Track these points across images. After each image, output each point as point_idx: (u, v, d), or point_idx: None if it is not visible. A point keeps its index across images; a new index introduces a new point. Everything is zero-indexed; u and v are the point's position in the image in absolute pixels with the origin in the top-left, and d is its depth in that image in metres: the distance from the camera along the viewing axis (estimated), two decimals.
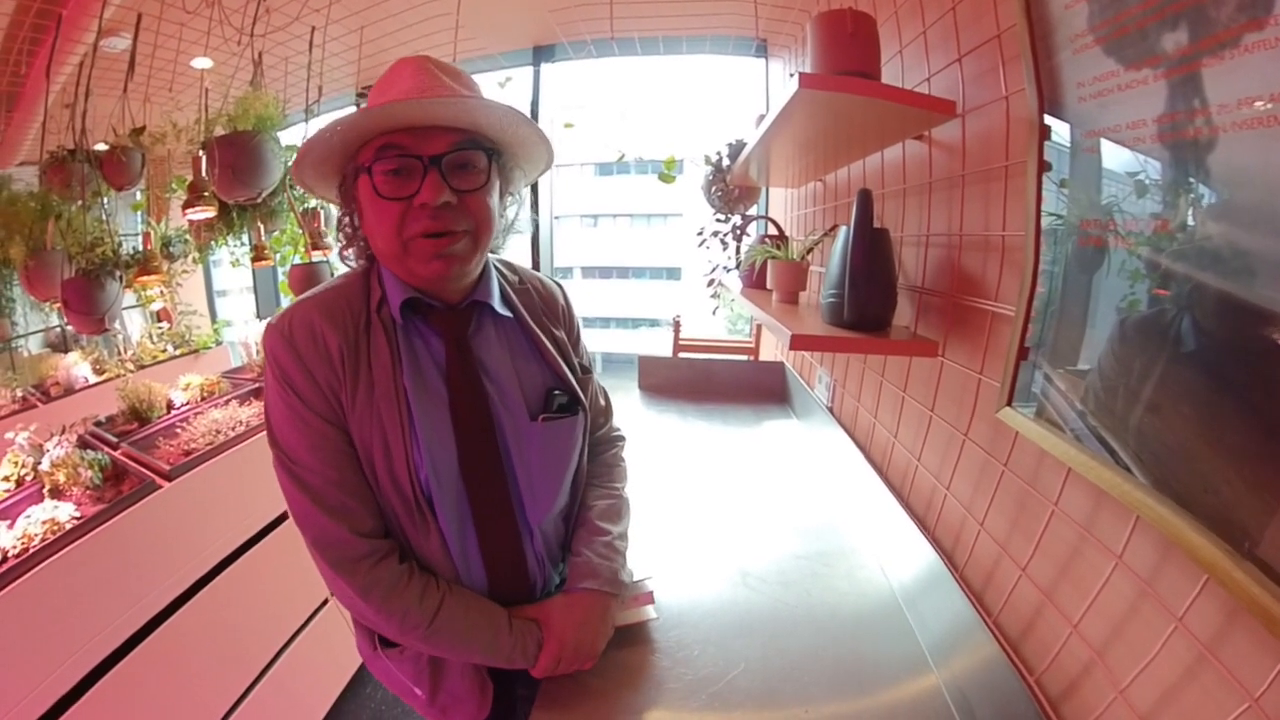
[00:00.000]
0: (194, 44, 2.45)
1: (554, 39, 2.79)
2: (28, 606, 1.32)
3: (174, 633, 1.59)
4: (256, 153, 1.95)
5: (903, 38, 1.26)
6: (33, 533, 1.45)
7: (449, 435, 0.79)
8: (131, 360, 3.11)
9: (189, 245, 2.96)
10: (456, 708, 0.94)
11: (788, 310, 1.37)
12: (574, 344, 0.97)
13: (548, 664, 0.85)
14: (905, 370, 1.30)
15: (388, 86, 0.74)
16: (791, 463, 1.69)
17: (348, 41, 2.78)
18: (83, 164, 2.06)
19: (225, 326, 4.08)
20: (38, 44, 2.44)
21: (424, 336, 0.82)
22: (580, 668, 0.88)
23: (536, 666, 0.85)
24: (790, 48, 2.38)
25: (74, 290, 1.84)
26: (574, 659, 0.86)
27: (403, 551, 0.81)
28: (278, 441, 0.78)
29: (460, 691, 0.92)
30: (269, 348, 0.77)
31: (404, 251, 0.74)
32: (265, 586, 1.89)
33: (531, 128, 0.78)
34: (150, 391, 2.24)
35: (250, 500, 1.91)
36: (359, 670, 2.12)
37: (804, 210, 2.11)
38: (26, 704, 1.28)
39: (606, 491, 1.00)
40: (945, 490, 1.10)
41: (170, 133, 2.27)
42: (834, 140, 1.36)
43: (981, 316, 0.96)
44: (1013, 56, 0.84)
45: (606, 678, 0.90)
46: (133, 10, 2.15)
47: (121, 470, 1.80)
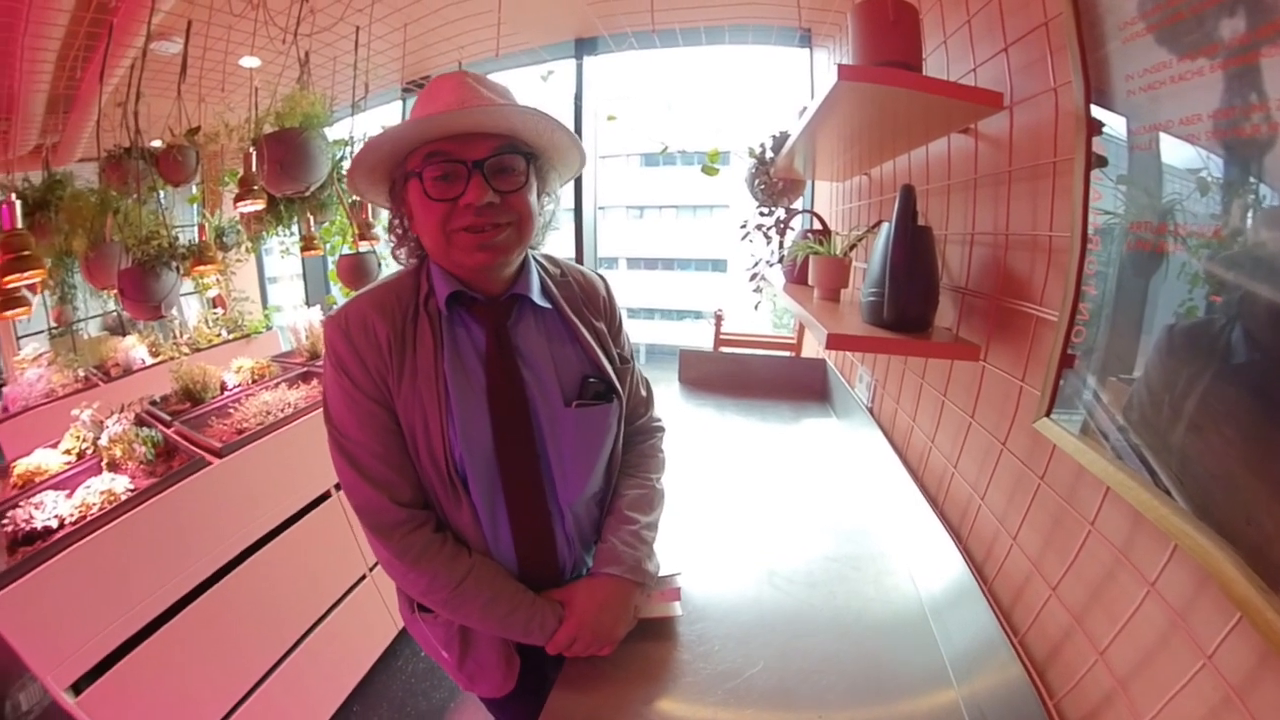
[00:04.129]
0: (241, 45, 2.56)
1: (595, 32, 2.78)
2: (84, 569, 1.43)
3: (218, 599, 1.69)
4: (304, 149, 2.01)
5: (947, 27, 1.21)
6: (90, 502, 1.56)
7: (484, 417, 0.84)
8: (187, 344, 3.29)
9: (241, 236, 3.08)
10: (482, 676, 0.99)
11: (828, 307, 1.34)
12: (614, 335, 1.01)
13: (563, 640, 0.88)
14: (946, 374, 1.25)
15: (429, 101, 0.80)
16: (828, 462, 1.66)
17: (391, 40, 2.85)
18: (138, 161, 2.17)
19: (276, 312, 4.25)
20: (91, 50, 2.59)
21: (467, 326, 0.87)
22: (598, 652, 0.90)
23: (552, 641, 0.88)
24: (834, 37, 2.31)
25: (129, 279, 1.95)
26: (591, 641, 0.89)
27: (439, 523, 0.88)
28: (332, 419, 0.85)
29: (486, 661, 0.97)
30: (328, 337, 0.85)
31: (450, 245, 0.80)
32: (306, 561, 1.98)
33: (565, 132, 0.83)
34: (204, 373, 2.37)
35: (296, 478, 2.00)
36: (391, 644, 2.20)
37: (849, 205, 2.05)
38: (81, 655, 1.39)
39: (640, 481, 1.02)
40: (980, 500, 1.06)
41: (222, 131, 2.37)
42: (878, 133, 1.32)
43: (1026, 321, 0.92)
44: (1060, 46, 0.79)
45: (626, 667, 0.91)
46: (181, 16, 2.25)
47: (173, 447, 1.90)
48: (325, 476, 2.09)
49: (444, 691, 2.07)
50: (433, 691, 2.07)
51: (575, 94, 3.07)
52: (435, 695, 2.06)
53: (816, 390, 2.23)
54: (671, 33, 2.61)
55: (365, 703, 2.04)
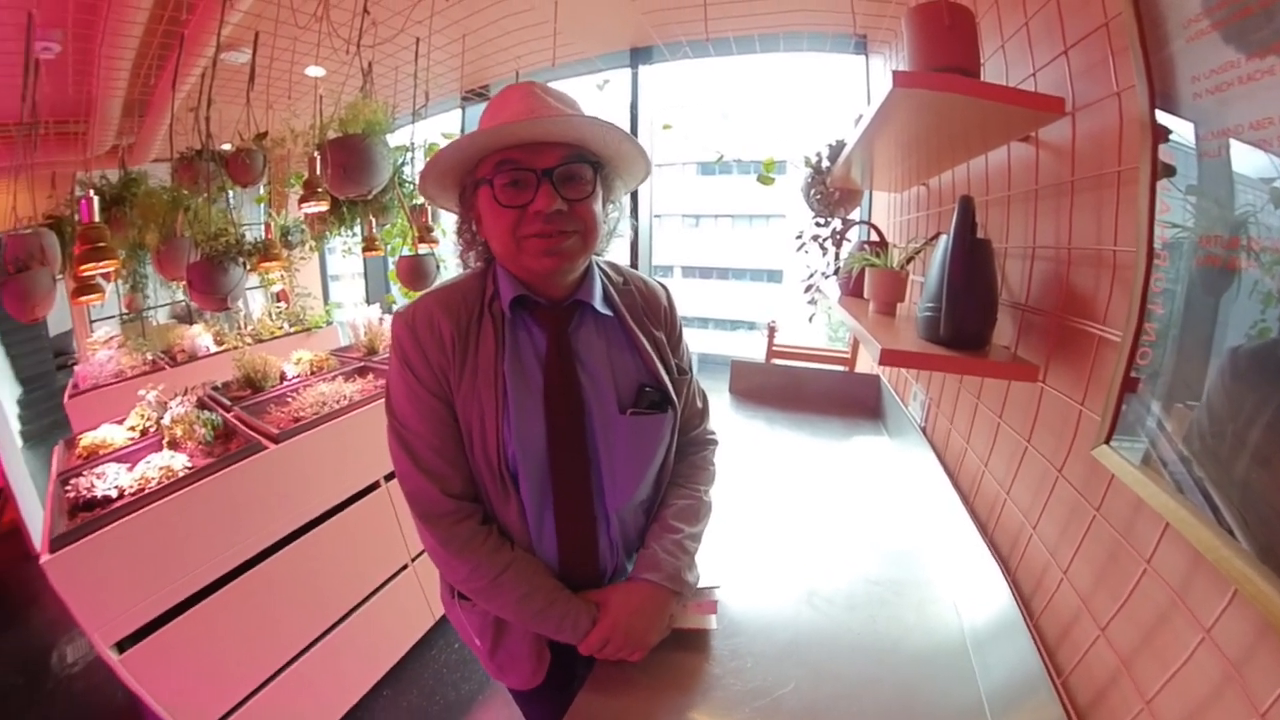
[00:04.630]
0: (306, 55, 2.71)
1: (650, 41, 2.80)
2: (138, 538, 1.52)
3: (263, 576, 1.77)
4: (366, 154, 2.08)
5: (1004, 30, 1.16)
6: (150, 476, 1.66)
7: (540, 418, 0.86)
8: (250, 334, 3.47)
9: (305, 235, 3.23)
10: (512, 667, 1.00)
11: (883, 322, 1.30)
12: (674, 345, 1.01)
13: (595, 641, 0.88)
14: (1003, 394, 1.19)
15: (499, 110, 0.83)
16: (877, 482, 1.61)
17: (450, 50, 2.94)
18: (208, 163, 2.30)
19: (336, 308, 4.42)
20: (164, 59, 2.79)
21: (529, 329, 0.89)
22: (629, 657, 0.90)
23: (584, 642, 0.89)
24: (890, 43, 2.26)
25: (198, 272, 2.06)
26: (623, 644, 0.89)
27: (486, 516, 0.90)
28: (393, 409, 0.89)
29: (517, 653, 0.98)
30: (395, 332, 0.88)
31: (518, 249, 0.82)
32: (351, 547, 2.05)
33: (632, 142, 0.85)
34: (265, 363, 2.48)
35: (347, 468, 2.07)
36: (426, 634, 2.26)
37: (907, 216, 1.99)
38: (128, 616, 1.49)
39: (688, 492, 1.02)
40: (1031, 530, 1.00)
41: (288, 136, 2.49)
42: (936, 142, 1.27)
43: (1088, 340, 0.87)
44: (1122, 47, 0.74)
45: (656, 674, 0.91)
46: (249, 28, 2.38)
47: (232, 430, 1.99)
48: (375, 467, 2.16)
49: (473, 684, 2.10)
50: (462, 683, 2.11)
51: (631, 103, 3.10)
52: (464, 686, 2.10)
53: (869, 407, 2.17)
54: (725, 41, 2.60)
55: (396, 687, 2.10)
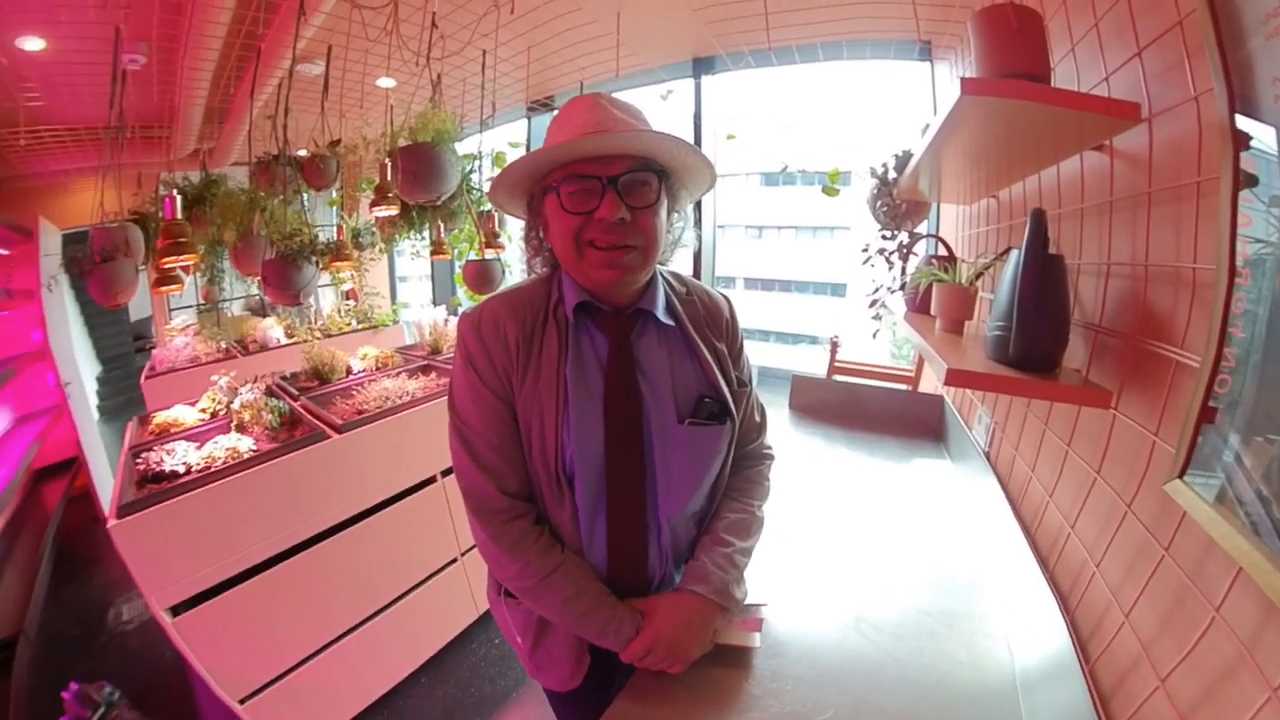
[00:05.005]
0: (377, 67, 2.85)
1: (712, 51, 2.81)
2: (200, 511, 1.62)
3: (316, 557, 1.85)
4: (435, 162, 2.15)
5: (1073, 33, 1.09)
6: (216, 456, 1.76)
7: (598, 424, 0.87)
8: (320, 329, 3.67)
9: (376, 237, 3.39)
10: (551, 667, 1.01)
11: (950, 340, 1.25)
12: (734, 357, 1.01)
13: (637, 650, 0.88)
14: (1072, 421, 1.11)
15: (566, 122, 0.84)
16: (935, 507, 1.55)
17: (516, 62, 3.05)
18: (285, 167, 2.44)
19: (403, 308, 4.61)
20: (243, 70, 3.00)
21: (591, 336, 0.91)
22: (669, 668, 0.90)
23: (626, 650, 0.89)
24: (955, 49, 2.17)
25: (272, 269, 2.19)
26: (665, 655, 0.88)
27: (539, 517, 0.91)
28: (455, 406, 0.91)
29: (557, 654, 0.99)
30: (461, 332, 0.91)
31: (580, 257, 0.83)
32: (403, 537, 2.11)
33: (697, 155, 0.85)
34: (333, 357, 2.60)
35: (405, 461, 2.14)
36: (469, 628, 2.31)
37: (976, 230, 1.90)
38: (184, 584, 1.58)
39: (741, 506, 1.01)
40: (1095, 568, 0.92)
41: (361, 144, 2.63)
42: (1006, 152, 1.21)
43: (1164, 365, 0.80)
44: (1198, 47, 0.68)
45: (694, 688, 0.90)
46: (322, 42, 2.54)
47: (297, 419, 2.09)
48: (432, 462, 2.22)
49: (509, 680, 2.13)
50: (499, 678, 2.14)
51: (694, 113, 3.11)
52: (500, 682, 2.13)
53: (931, 428, 2.08)
54: (788, 50, 2.57)
55: (434, 676, 2.15)
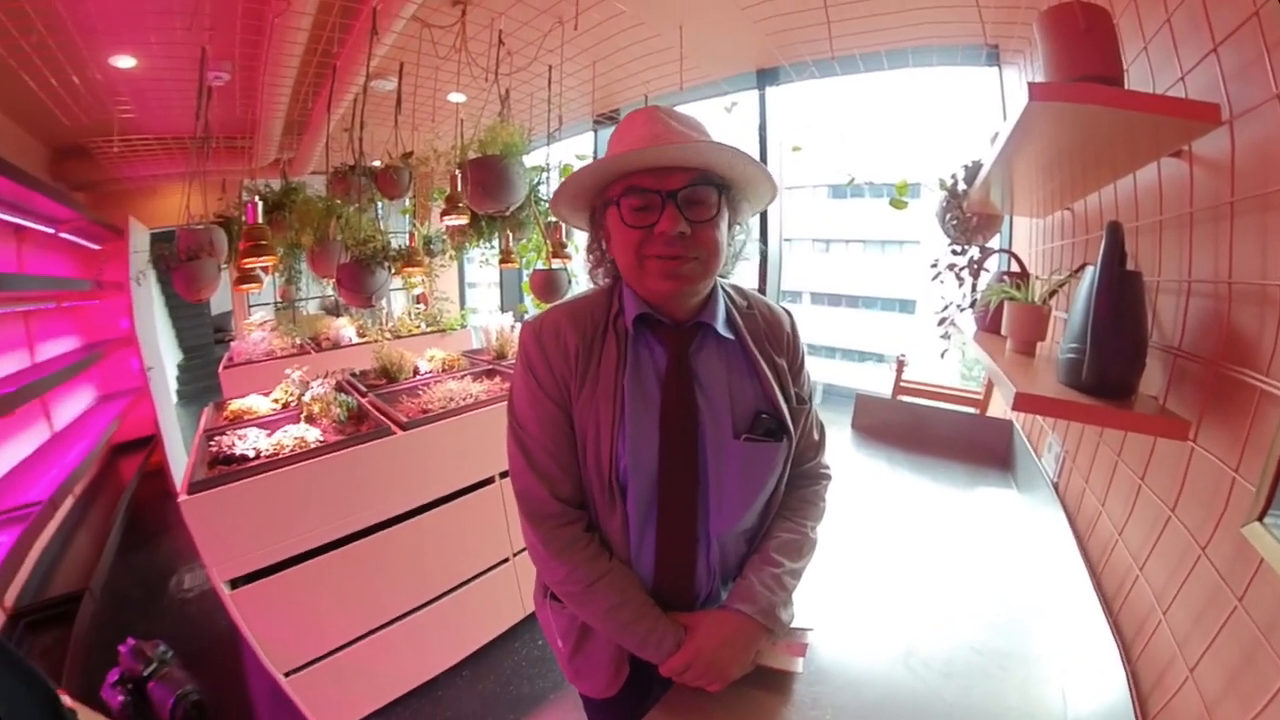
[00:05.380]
0: (448, 83, 3.01)
1: (775, 62, 2.79)
2: (266, 494, 1.72)
3: (372, 546, 1.93)
4: (504, 174, 2.22)
5: (1145, 30, 1.01)
6: (285, 443, 1.88)
7: (654, 435, 0.87)
8: (390, 330, 3.87)
9: (446, 245, 3.54)
10: (589, 674, 1.01)
11: (1020, 362, 1.18)
12: (795, 373, 0.99)
13: (677, 665, 0.87)
14: (1147, 452, 1.02)
15: (625, 134, 0.86)
16: (998, 539, 1.45)
17: (581, 76, 3.14)
18: (360, 177, 2.60)
19: (471, 314, 4.78)
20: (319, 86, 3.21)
21: (650, 348, 0.91)
22: (708, 686, 0.88)
23: (666, 664, 0.88)
24: (1024, 52, 2.05)
25: (347, 273, 2.33)
26: (704, 673, 0.87)
27: (590, 524, 0.92)
28: (514, 411, 0.93)
29: (597, 661, 0.99)
30: (523, 340, 0.93)
31: (641, 269, 0.84)
32: (458, 533, 2.18)
33: (757, 166, 0.85)
34: (401, 357, 2.72)
35: (465, 461, 2.20)
36: (514, 627, 2.35)
37: (1050, 244, 1.79)
38: (245, 559, 1.68)
39: (794, 526, 0.98)
40: (1161, 615, 0.84)
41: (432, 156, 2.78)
42: (1079, 160, 1.14)
43: (1248, 394, 0.72)
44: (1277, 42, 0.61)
45: (732, 709, 0.88)
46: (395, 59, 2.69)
47: (365, 414, 2.20)
48: (491, 464, 2.28)
49: (548, 682, 2.15)
50: (538, 679, 2.16)
51: (759, 125, 3.09)
52: (539, 683, 2.15)
53: (999, 455, 1.97)
54: (852, 59, 2.52)
55: (475, 670, 2.20)
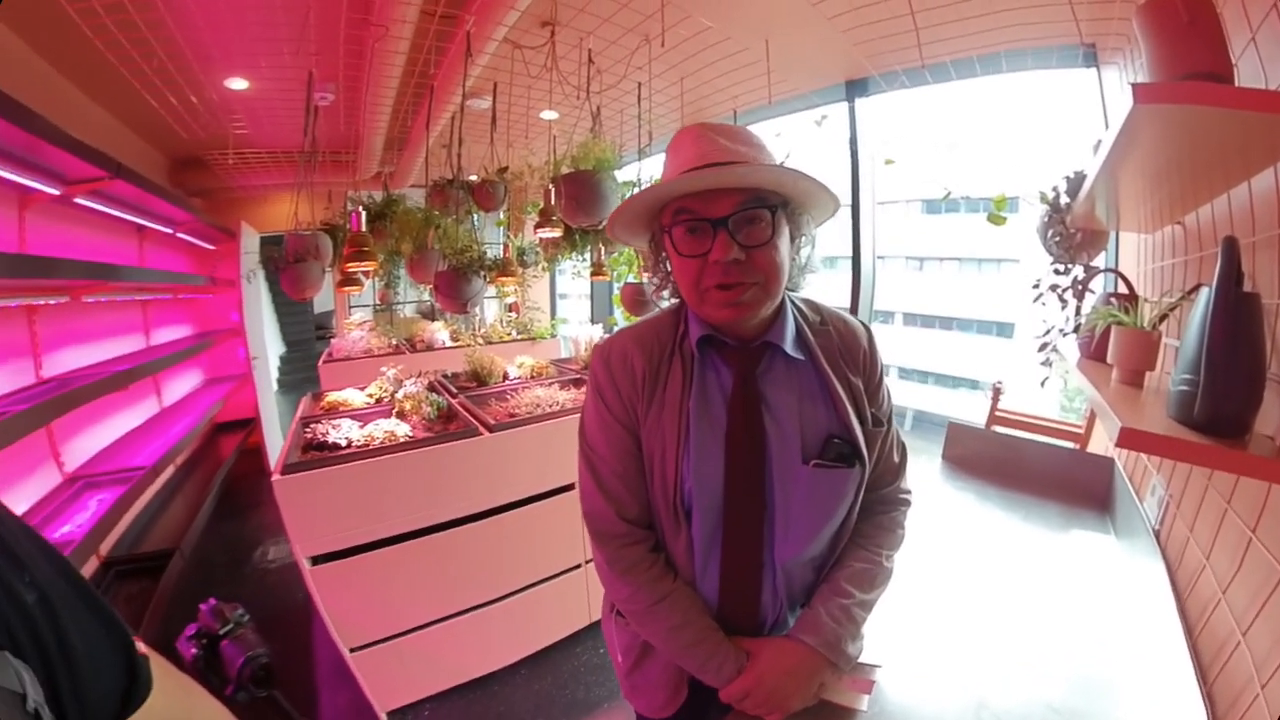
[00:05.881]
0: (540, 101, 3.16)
1: (864, 73, 2.71)
2: (353, 481, 1.84)
3: (449, 540, 2.02)
4: (596, 188, 2.31)
5: (1250, 18, 0.89)
6: (375, 436, 2.01)
7: (719, 458, 0.86)
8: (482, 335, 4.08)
9: (539, 256, 3.70)
10: (646, 691, 1.00)
11: (1127, 394, 1.07)
12: (872, 392, 0.94)
13: (736, 692, 0.86)
14: (1260, 500, 0.89)
15: (673, 155, 0.86)
16: (1089, 589, 1.33)
17: (670, 93, 3.21)
18: (458, 190, 2.79)
19: (561, 324, 4.96)
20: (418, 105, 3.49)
21: (717, 369, 0.90)
22: (766, 715, 0.87)
23: (725, 690, 0.87)
24: (1123, 50, 1.85)
25: (444, 280, 2.51)
26: (764, 701, 0.85)
27: (656, 544, 0.92)
28: (584, 433, 0.95)
29: (655, 679, 0.98)
30: (593, 364, 0.95)
31: (702, 300, 0.83)
32: (534, 535, 2.23)
33: (809, 180, 0.81)
34: (492, 362, 2.85)
35: (547, 466, 2.25)
36: (578, 632, 2.38)
37: (1160, 263, 1.60)
38: (327, 539, 1.81)
39: (868, 555, 0.94)
40: (1260, 689, 0.72)
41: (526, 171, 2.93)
42: (1189, 168, 1.01)
43: None
44: None
45: None
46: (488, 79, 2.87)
47: (453, 414, 2.32)
48: (572, 471, 2.21)
49: (604, 691, 2.16)
50: (595, 687, 2.17)
51: (850, 138, 3.00)
52: (595, 691, 2.16)
53: (1097, 496, 1.79)
54: (943, 66, 2.38)
55: (534, 670, 2.24)
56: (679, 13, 2.45)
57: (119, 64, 2.84)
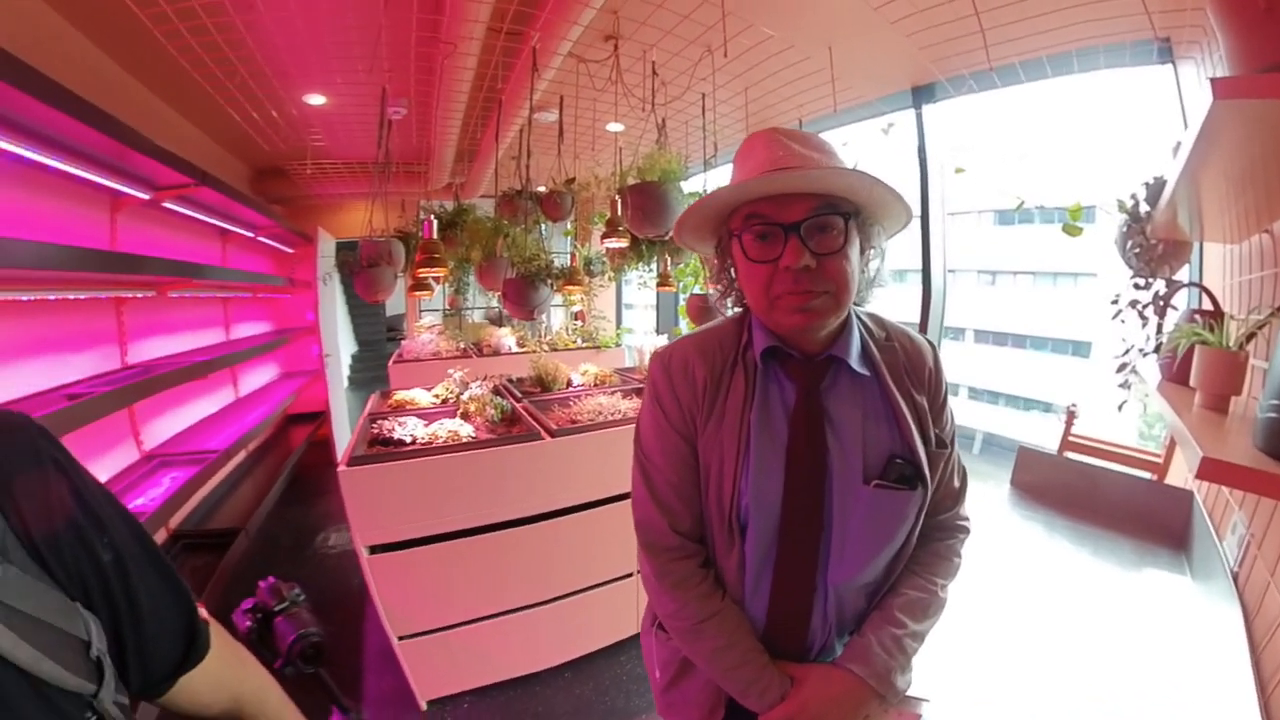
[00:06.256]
0: (606, 113, 3.24)
1: (931, 78, 2.61)
2: (416, 476, 1.90)
3: (506, 540, 2.06)
4: (662, 199, 2.34)
5: None
6: (439, 434, 2.09)
7: (779, 474, 0.84)
8: (548, 342, 4.20)
9: (605, 266, 3.78)
10: (682, 709, 0.98)
11: (1210, 420, 0.99)
12: (936, 412, 0.91)
13: (778, 717, 0.84)
14: None
15: (744, 160, 0.84)
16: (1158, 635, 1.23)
17: (734, 103, 3.21)
18: (526, 200, 2.89)
19: (626, 334, 5.03)
20: (487, 118, 3.63)
21: (779, 382, 0.87)
22: None
23: (767, 715, 0.84)
24: (1200, 43, 1.69)
25: (512, 287, 2.61)
26: None
27: (706, 560, 0.90)
28: (640, 441, 0.94)
29: (692, 698, 0.96)
30: (652, 371, 0.94)
31: (771, 307, 0.81)
32: (589, 541, 2.23)
33: (884, 187, 0.79)
34: (556, 368, 2.91)
35: (605, 473, 2.22)
36: (625, 640, 2.37)
37: (1247, 276, 1.45)
38: (386, 530, 1.87)
39: (923, 583, 0.90)
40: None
41: (592, 182, 3.01)
42: (1276, 169, 0.93)
43: None
44: None
45: None
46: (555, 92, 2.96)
47: (516, 417, 2.37)
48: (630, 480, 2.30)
49: (643, 701, 2.13)
50: (635, 697, 2.15)
51: (918, 146, 2.90)
52: (635, 702, 2.14)
53: (1174, 532, 1.65)
54: (1011, 68, 2.25)
55: (577, 674, 2.25)
56: (740, 23, 2.45)
57: (203, 81, 3.10)
